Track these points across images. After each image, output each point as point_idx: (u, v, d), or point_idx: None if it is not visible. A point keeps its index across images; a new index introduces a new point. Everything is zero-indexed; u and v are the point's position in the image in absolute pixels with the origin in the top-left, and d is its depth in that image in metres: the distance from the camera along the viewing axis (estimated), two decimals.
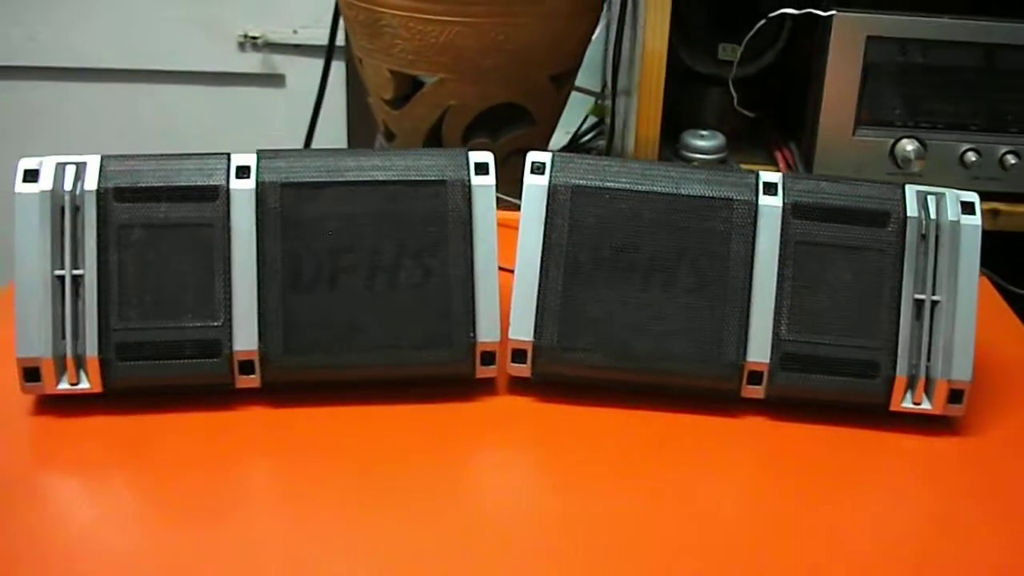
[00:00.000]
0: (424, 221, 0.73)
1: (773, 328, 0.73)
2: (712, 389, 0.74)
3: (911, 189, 0.74)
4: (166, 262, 0.72)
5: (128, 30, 1.68)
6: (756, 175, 0.75)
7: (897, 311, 0.73)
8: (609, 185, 0.74)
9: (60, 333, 0.71)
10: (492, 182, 0.74)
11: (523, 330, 0.74)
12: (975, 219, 0.74)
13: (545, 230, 0.74)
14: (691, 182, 0.74)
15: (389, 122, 1.16)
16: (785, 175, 0.75)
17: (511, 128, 1.13)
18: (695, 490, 0.68)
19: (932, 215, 0.74)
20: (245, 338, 0.72)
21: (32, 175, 0.71)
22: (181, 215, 0.72)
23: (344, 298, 0.73)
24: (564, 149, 1.35)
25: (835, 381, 0.73)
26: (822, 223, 0.74)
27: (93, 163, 0.72)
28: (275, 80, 1.71)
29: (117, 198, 0.71)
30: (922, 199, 0.74)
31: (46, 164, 0.72)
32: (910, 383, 0.73)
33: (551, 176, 0.74)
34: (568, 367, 0.74)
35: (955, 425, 0.75)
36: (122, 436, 0.70)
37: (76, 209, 0.71)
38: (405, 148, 1.14)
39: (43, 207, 0.71)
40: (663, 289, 0.74)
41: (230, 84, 1.71)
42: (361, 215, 0.73)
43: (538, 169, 0.75)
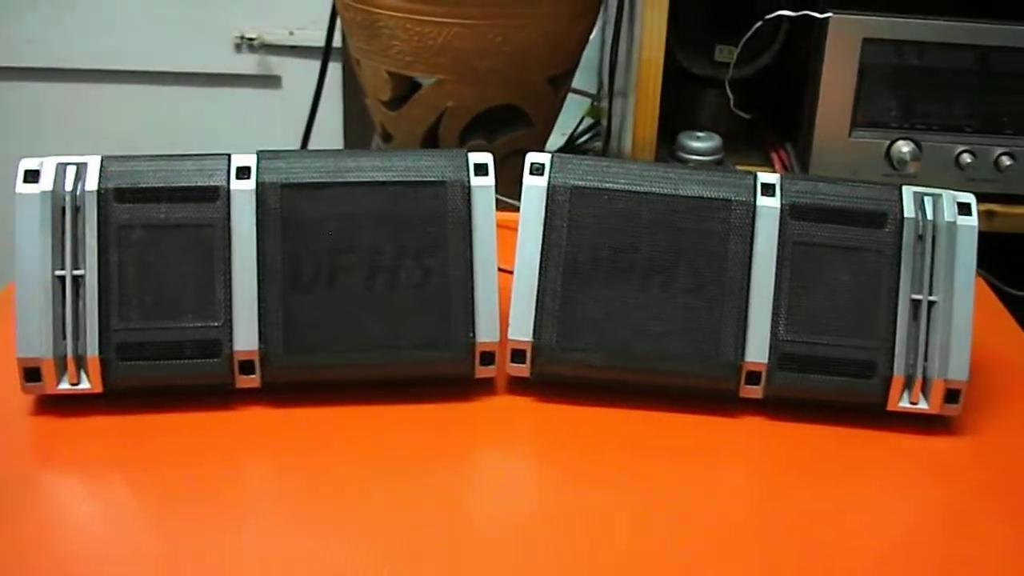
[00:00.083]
0: (424, 222, 0.74)
1: (771, 328, 0.74)
2: (710, 389, 0.75)
3: (908, 190, 0.75)
4: (166, 262, 0.72)
5: (124, 31, 1.68)
6: (754, 176, 0.75)
7: (894, 311, 0.73)
8: (608, 186, 0.74)
9: (61, 333, 0.71)
10: (492, 183, 0.75)
11: (522, 330, 0.74)
12: (972, 220, 0.74)
13: (544, 231, 0.74)
14: (690, 183, 0.75)
15: (386, 123, 1.16)
16: (783, 176, 0.75)
17: (508, 129, 1.13)
18: (693, 489, 0.68)
19: (929, 216, 0.74)
20: (245, 338, 0.72)
21: (33, 175, 0.71)
22: (181, 215, 0.72)
23: (344, 298, 0.73)
24: (560, 151, 1.35)
25: (833, 381, 0.73)
26: (820, 224, 0.74)
27: (94, 163, 0.72)
28: (271, 81, 1.71)
29: (118, 198, 0.72)
30: (919, 200, 0.74)
31: (47, 164, 0.72)
32: (907, 383, 0.74)
33: (550, 177, 0.75)
34: (567, 367, 0.75)
35: (951, 425, 0.75)
36: (122, 436, 0.71)
37: (77, 209, 0.71)
38: (403, 149, 1.14)
39: (44, 207, 0.71)
40: (662, 289, 0.74)
41: (226, 85, 1.71)
42: (361, 216, 0.73)
43: (537, 170, 0.75)
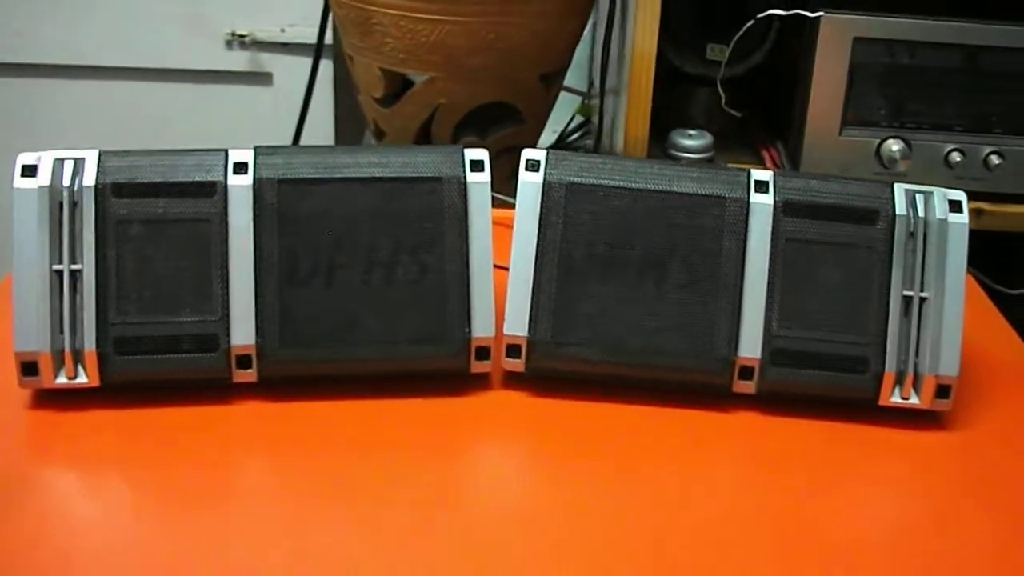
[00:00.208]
0: (420, 217, 0.74)
1: (764, 324, 0.74)
2: (704, 384, 0.75)
3: (900, 187, 0.75)
4: (164, 257, 0.72)
5: (115, 27, 1.67)
6: (748, 173, 0.76)
7: (886, 307, 0.74)
8: (603, 182, 0.75)
9: (58, 327, 0.71)
10: (487, 179, 0.75)
11: (517, 325, 0.75)
12: (963, 217, 0.75)
13: (540, 227, 0.75)
14: (684, 180, 0.75)
15: (379, 120, 1.16)
16: (776, 173, 0.76)
17: (500, 127, 1.14)
18: (687, 483, 0.69)
19: (920, 213, 0.75)
20: (242, 333, 0.72)
21: (30, 170, 0.71)
22: (179, 211, 0.72)
23: (341, 293, 0.73)
24: (551, 148, 1.35)
25: (825, 376, 0.74)
26: (812, 221, 0.75)
27: (91, 159, 0.72)
28: (262, 78, 1.71)
29: (115, 193, 0.72)
30: (911, 197, 0.75)
31: (44, 159, 0.72)
32: (898, 378, 0.74)
33: (546, 173, 0.75)
34: (562, 362, 0.75)
35: (942, 419, 0.76)
36: (119, 430, 0.71)
37: (74, 204, 0.71)
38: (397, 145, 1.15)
39: (41, 202, 0.71)
40: (656, 285, 0.74)
41: (217, 82, 1.71)
42: (358, 211, 0.73)
43: (533, 166, 0.76)
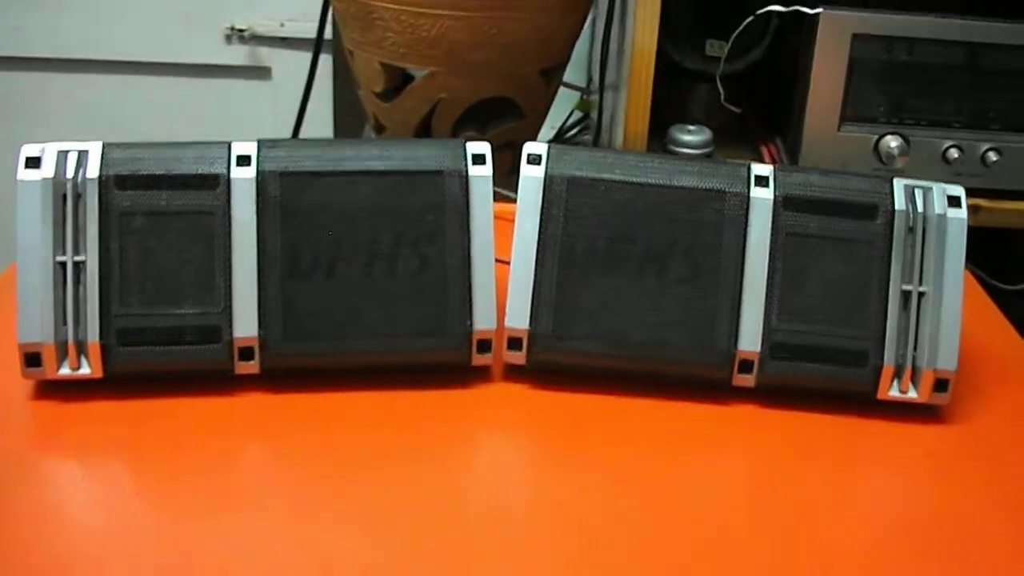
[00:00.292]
0: (422, 210, 0.74)
1: (764, 318, 0.75)
2: (704, 377, 0.76)
3: (899, 183, 0.76)
4: (167, 249, 0.72)
5: (114, 21, 1.67)
6: (748, 167, 0.76)
7: (885, 302, 0.74)
8: (604, 176, 0.75)
9: (61, 319, 0.71)
10: (489, 172, 0.75)
11: (519, 318, 0.75)
12: (961, 212, 0.75)
13: (541, 220, 0.75)
14: (684, 174, 0.76)
15: (379, 115, 1.17)
16: (776, 168, 0.76)
17: (501, 121, 1.14)
18: (687, 476, 0.69)
19: (919, 208, 0.75)
20: (245, 325, 0.73)
21: (34, 162, 0.72)
22: (182, 203, 0.72)
23: (342, 286, 0.74)
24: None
25: (824, 370, 0.75)
26: (812, 215, 0.75)
27: (95, 151, 0.72)
28: (261, 73, 1.71)
29: (119, 185, 0.72)
30: (910, 193, 0.75)
31: (48, 151, 0.72)
32: (897, 372, 0.75)
33: (547, 167, 0.75)
34: (563, 355, 0.75)
35: (940, 413, 0.76)
36: (122, 421, 0.71)
37: (78, 196, 0.72)
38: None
39: (45, 194, 0.71)
40: (657, 279, 0.75)
41: (216, 76, 1.71)
42: (360, 204, 0.74)
43: (534, 160, 0.76)
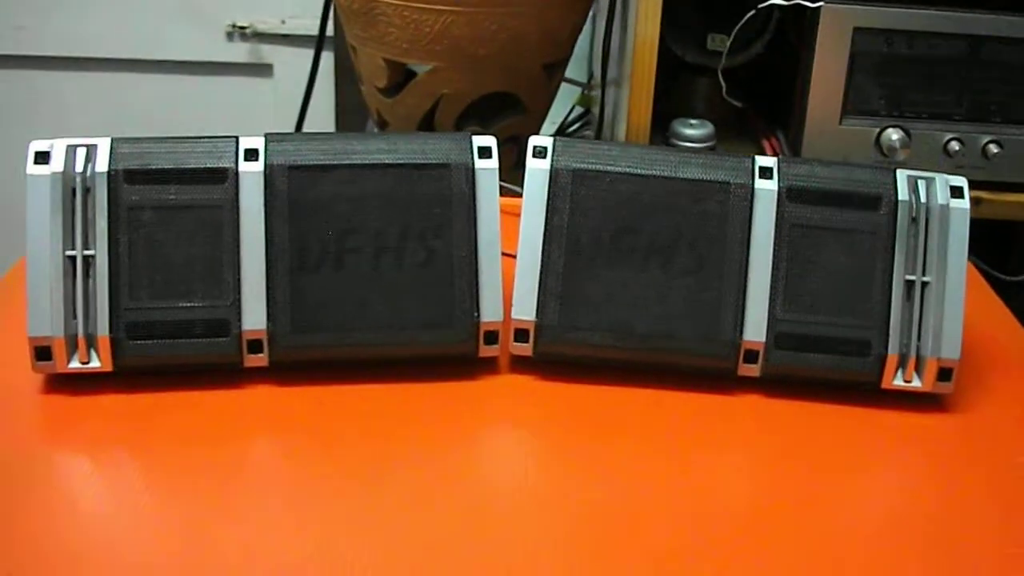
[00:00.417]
0: (429, 203, 0.75)
1: (769, 308, 0.75)
2: (709, 368, 0.76)
3: (902, 173, 0.76)
4: (176, 243, 0.73)
5: (116, 19, 1.68)
6: (752, 159, 0.77)
7: (888, 292, 0.75)
8: (610, 169, 0.76)
9: (71, 313, 0.72)
10: (495, 165, 0.76)
11: (525, 310, 0.76)
12: (964, 203, 0.76)
13: (547, 213, 0.76)
14: (689, 166, 0.76)
15: (382, 110, 1.17)
16: (780, 159, 0.77)
17: (503, 116, 1.15)
18: (692, 466, 0.70)
19: (922, 199, 0.76)
20: (253, 318, 0.73)
21: (43, 157, 0.72)
22: (191, 197, 0.73)
23: (350, 279, 0.74)
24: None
25: (828, 359, 0.75)
26: (816, 206, 0.76)
27: (103, 145, 0.73)
28: (263, 70, 1.71)
29: (128, 180, 0.72)
30: (913, 183, 0.76)
31: (57, 146, 0.72)
32: (901, 361, 0.75)
33: (553, 160, 0.76)
34: (569, 346, 0.76)
35: (943, 402, 0.77)
36: (132, 414, 0.71)
37: (87, 191, 0.72)
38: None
39: (54, 188, 0.72)
40: (662, 270, 0.75)
41: (218, 74, 1.72)
42: (367, 197, 0.74)
43: (540, 153, 0.76)
